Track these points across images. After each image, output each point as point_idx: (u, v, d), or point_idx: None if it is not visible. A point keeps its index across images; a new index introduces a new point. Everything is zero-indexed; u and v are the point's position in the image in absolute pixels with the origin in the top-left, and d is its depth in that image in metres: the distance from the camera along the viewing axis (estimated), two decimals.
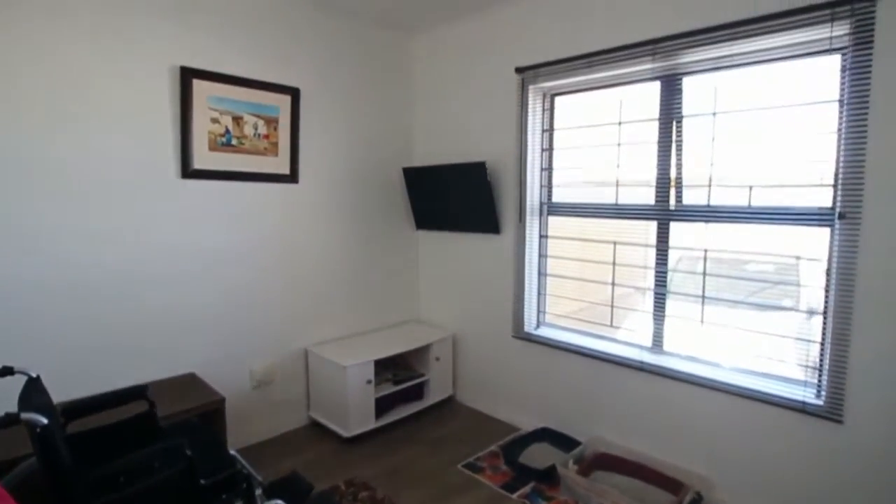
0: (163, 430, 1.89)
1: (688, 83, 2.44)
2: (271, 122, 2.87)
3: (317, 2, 2.96)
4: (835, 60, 2.00)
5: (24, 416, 1.24)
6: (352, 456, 2.83)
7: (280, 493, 2.05)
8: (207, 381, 2.57)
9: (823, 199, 2.06)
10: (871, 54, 1.85)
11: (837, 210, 1.96)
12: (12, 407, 1.45)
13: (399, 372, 3.31)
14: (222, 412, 2.36)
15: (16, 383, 1.57)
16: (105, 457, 1.52)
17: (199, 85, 2.57)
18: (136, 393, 1.84)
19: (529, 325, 3.12)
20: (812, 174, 2.13)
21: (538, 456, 2.74)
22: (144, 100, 2.43)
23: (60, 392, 2.16)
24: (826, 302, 2.06)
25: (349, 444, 2.93)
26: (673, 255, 2.56)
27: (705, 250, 2.42)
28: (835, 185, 2.00)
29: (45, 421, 1.26)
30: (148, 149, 2.46)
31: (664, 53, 2.39)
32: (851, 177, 1.92)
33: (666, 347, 2.59)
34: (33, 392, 1.50)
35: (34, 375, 1.54)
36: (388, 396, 3.12)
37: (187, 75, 2.52)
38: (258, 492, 1.86)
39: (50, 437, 1.29)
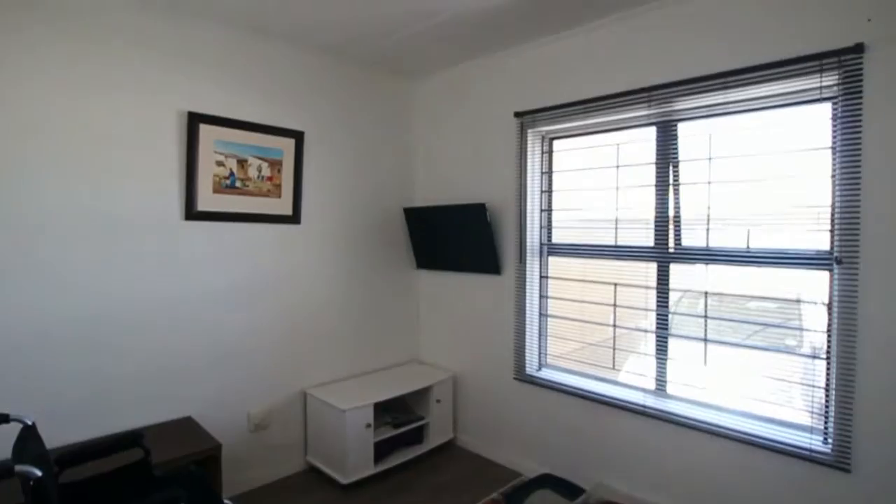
0: (158, 479, 1.85)
1: (683, 129, 2.49)
2: (275, 165, 2.92)
3: (322, 49, 3.06)
4: (826, 108, 2.06)
5: (18, 468, 1.22)
6: None
7: None
8: (204, 426, 2.53)
9: (821, 241, 2.08)
10: (860, 104, 1.90)
11: (835, 254, 1.98)
12: (7, 453, 1.43)
13: (398, 415, 3.25)
14: (218, 458, 2.31)
15: (11, 429, 1.55)
16: None
17: (205, 129, 2.63)
18: (131, 440, 1.81)
19: (531, 367, 3.09)
20: (809, 216, 2.14)
21: None
22: (152, 144, 2.48)
23: (57, 435, 2.14)
24: (829, 346, 2.05)
25: (347, 491, 2.85)
26: (674, 295, 2.56)
27: (706, 292, 2.43)
28: (831, 230, 2.02)
29: (38, 473, 1.24)
30: (153, 191, 2.49)
31: (659, 100, 2.46)
32: (847, 222, 1.94)
33: (669, 390, 2.56)
34: (28, 440, 1.48)
35: (29, 423, 1.52)
36: (388, 440, 3.06)
37: (195, 120, 2.58)
38: None
39: (43, 490, 1.26)
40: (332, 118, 3.22)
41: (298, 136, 3.00)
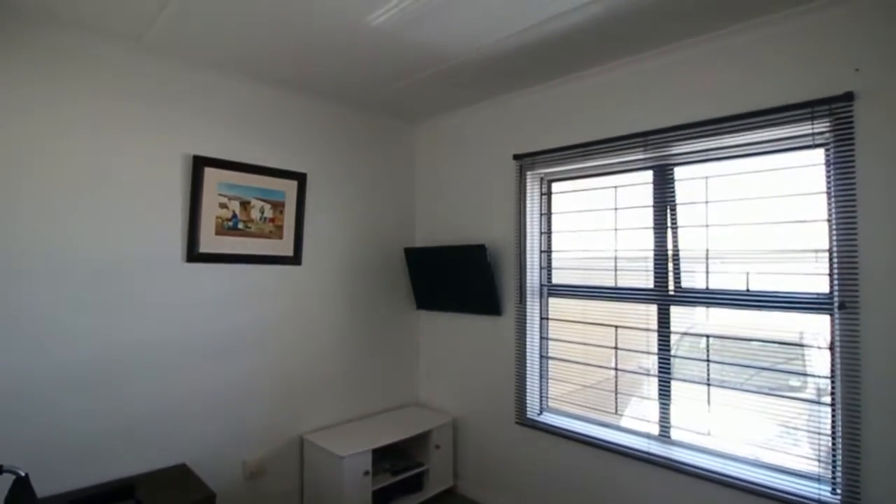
0: None
1: (679, 172, 2.53)
2: (278, 206, 2.95)
3: (324, 94, 3.14)
4: (820, 154, 2.09)
5: None
6: None
7: None
8: (198, 473, 2.46)
9: (821, 285, 2.07)
10: (853, 150, 1.94)
11: (836, 299, 1.97)
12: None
13: (397, 461, 3.17)
14: None
15: (3, 480, 1.50)
16: None
17: (210, 172, 2.66)
18: (123, 491, 1.76)
19: (532, 411, 3.04)
20: (808, 259, 2.14)
21: None
22: (157, 187, 2.51)
23: (49, 484, 2.09)
24: (833, 392, 2.02)
25: None
26: (674, 336, 2.55)
27: (707, 336, 2.41)
28: (830, 274, 2.03)
29: None
30: (155, 233, 2.50)
31: (655, 145, 2.51)
32: (846, 267, 1.94)
33: (674, 436, 2.50)
34: (20, 493, 1.43)
35: (23, 474, 1.48)
36: (386, 488, 2.97)
37: (199, 164, 2.62)
38: None
39: None
40: (333, 160, 3.28)
41: (301, 178, 3.04)
